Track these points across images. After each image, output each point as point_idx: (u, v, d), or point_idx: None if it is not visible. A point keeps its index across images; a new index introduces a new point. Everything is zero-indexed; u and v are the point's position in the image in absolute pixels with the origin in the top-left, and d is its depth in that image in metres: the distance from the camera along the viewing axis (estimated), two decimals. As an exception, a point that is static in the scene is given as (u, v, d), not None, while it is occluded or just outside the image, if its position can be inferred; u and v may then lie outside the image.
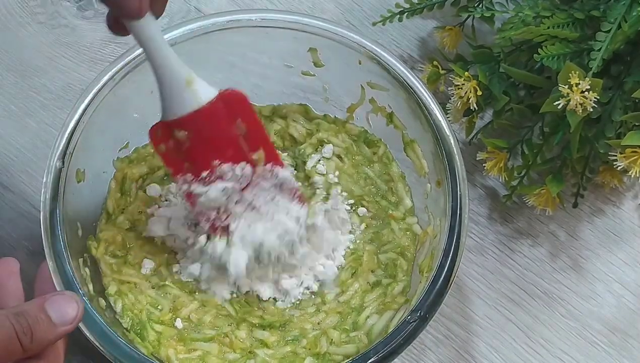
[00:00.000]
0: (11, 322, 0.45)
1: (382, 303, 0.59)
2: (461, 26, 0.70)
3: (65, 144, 0.55)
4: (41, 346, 0.47)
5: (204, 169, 0.54)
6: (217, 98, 0.52)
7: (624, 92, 0.60)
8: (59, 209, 0.54)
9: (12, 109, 0.70)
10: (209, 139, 0.53)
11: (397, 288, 0.60)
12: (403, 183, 0.63)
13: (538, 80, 0.63)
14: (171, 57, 0.49)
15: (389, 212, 0.63)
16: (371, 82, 0.61)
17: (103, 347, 0.51)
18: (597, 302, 0.66)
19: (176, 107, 0.52)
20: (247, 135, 0.54)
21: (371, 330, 0.58)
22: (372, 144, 0.64)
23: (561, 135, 0.62)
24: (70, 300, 0.49)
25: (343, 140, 0.64)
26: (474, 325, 0.66)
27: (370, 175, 0.64)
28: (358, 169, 0.64)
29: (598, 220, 0.68)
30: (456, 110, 0.65)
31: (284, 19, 0.59)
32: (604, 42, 0.58)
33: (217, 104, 0.52)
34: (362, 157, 0.65)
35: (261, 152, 0.55)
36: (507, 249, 0.68)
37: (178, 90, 0.51)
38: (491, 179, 0.69)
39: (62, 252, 0.53)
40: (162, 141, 0.54)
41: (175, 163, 0.55)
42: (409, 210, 0.63)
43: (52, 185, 0.54)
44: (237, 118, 0.53)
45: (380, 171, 0.64)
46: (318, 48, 0.60)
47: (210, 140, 0.53)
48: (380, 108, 0.62)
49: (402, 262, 0.61)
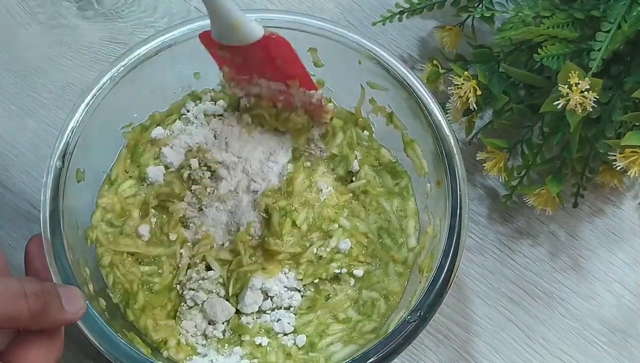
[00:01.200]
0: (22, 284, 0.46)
1: (347, 336, 0.59)
2: (461, 26, 0.70)
3: (65, 144, 0.55)
4: (48, 322, 0.47)
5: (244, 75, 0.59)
6: (261, 40, 0.54)
7: (623, 92, 0.60)
8: (59, 209, 0.54)
9: (12, 109, 0.70)
10: (249, 68, 0.57)
11: (367, 326, 0.59)
12: (415, 220, 0.62)
13: (538, 80, 0.63)
14: (222, 1, 0.51)
15: (390, 253, 0.61)
16: (371, 82, 0.61)
17: (103, 346, 0.51)
18: (597, 302, 0.66)
19: (223, 36, 0.54)
20: (283, 67, 0.57)
21: (331, 357, 0.57)
22: (397, 176, 0.63)
23: (561, 135, 0.62)
24: (77, 293, 0.50)
25: (366, 173, 0.63)
26: (473, 325, 0.66)
27: (387, 209, 0.62)
28: (376, 201, 0.63)
29: (598, 220, 0.68)
30: (456, 110, 0.65)
31: (284, 18, 0.59)
32: (603, 42, 0.57)
33: (259, 46, 0.54)
34: (383, 189, 0.63)
35: (296, 81, 0.58)
36: (507, 249, 0.68)
37: (226, 27, 0.53)
38: (491, 179, 0.69)
39: (62, 252, 0.53)
40: (210, 46, 0.57)
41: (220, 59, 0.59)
42: (412, 249, 0.61)
43: (52, 185, 0.54)
44: (278, 59, 0.56)
45: (398, 206, 0.63)
46: (318, 48, 0.60)
47: (251, 69, 0.57)
48: (380, 108, 0.62)
49: (382, 304, 0.60)
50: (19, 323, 0.46)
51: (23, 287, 0.46)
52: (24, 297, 0.45)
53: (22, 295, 0.45)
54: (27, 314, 0.46)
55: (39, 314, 0.46)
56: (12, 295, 0.45)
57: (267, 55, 0.55)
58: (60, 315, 0.48)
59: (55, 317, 0.48)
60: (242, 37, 0.53)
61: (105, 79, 0.57)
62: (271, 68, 0.57)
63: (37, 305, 0.46)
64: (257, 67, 0.57)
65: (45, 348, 0.48)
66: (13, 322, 0.46)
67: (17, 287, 0.45)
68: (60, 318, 0.48)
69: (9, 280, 0.46)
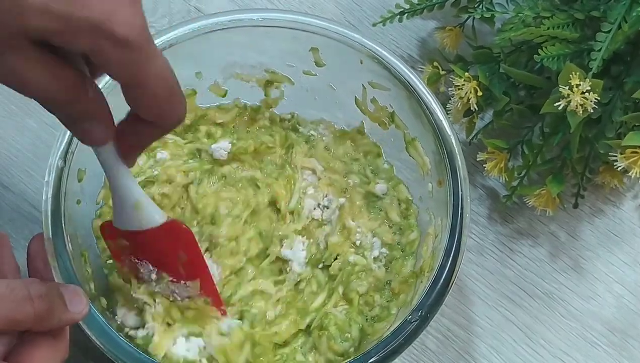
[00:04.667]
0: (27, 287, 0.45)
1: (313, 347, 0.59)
2: (461, 27, 0.70)
3: (67, 143, 0.55)
4: (52, 323, 0.47)
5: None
6: (161, 226, 0.52)
7: (624, 93, 0.60)
8: (61, 208, 0.54)
9: (12, 108, 0.70)
10: (148, 256, 0.55)
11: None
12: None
13: (538, 80, 0.63)
14: (125, 180, 0.50)
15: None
16: (372, 82, 0.61)
17: (104, 345, 0.51)
18: (598, 303, 0.66)
19: (123, 220, 0.52)
20: (186, 265, 0.55)
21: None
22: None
23: (561, 136, 0.62)
24: (80, 292, 0.50)
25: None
26: (474, 326, 0.66)
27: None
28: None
29: (598, 221, 0.69)
30: (456, 111, 0.65)
31: (286, 18, 0.59)
32: (604, 42, 0.58)
33: (159, 231, 0.52)
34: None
35: (197, 282, 0.55)
36: (507, 249, 0.68)
37: (126, 208, 0.51)
38: (491, 180, 0.69)
39: (64, 251, 0.53)
40: (109, 238, 0.55)
41: (118, 255, 0.56)
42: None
43: (53, 184, 0.54)
44: (179, 248, 0.54)
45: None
46: (319, 47, 0.60)
47: (150, 257, 0.55)
48: (382, 108, 0.62)
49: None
50: (24, 326, 0.46)
51: (28, 290, 0.45)
52: (29, 300, 0.45)
53: (27, 299, 0.45)
54: (33, 317, 0.45)
55: (44, 316, 0.46)
56: (17, 299, 0.45)
57: (168, 242, 0.53)
58: (64, 316, 0.48)
59: (60, 318, 0.48)
60: (141, 220, 0.51)
61: (107, 78, 0.57)
62: (170, 260, 0.55)
63: (42, 308, 0.46)
64: (154, 258, 0.55)
65: (50, 349, 0.48)
66: (18, 325, 0.46)
67: (22, 290, 0.45)
68: (64, 319, 0.48)
69: (15, 284, 0.45)
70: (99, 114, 0.44)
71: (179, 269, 0.55)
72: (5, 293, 0.45)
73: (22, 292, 0.45)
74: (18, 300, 0.45)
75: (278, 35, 0.59)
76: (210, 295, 0.56)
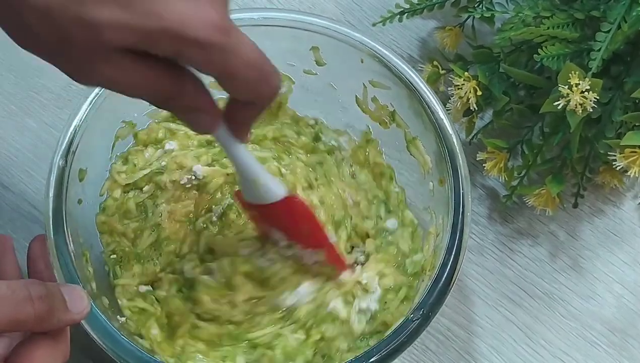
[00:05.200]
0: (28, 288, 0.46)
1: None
2: (461, 26, 0.70)
3: (68, 143, 0.55)
4: (53, 324, 0.47)
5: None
6: (282, 201, 0.54)
7: (624, 92, 0.61)
8: (62, 207, 0.54)
9: (12, 108, 0.70)
10: (276, 225, 0.57)
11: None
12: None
13: (538, 80, 0.63)
14: (243, 157, 0.51)
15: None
16: (373, 81, 0.60)
17: (106, 344, 0.51)
18: (597, 302, 0.67)
19: (247, 194, 0.54)
20: (309, 235, 0.57)
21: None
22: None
23: (561, 136, 0.62)
24: (81, 292, 0.50)
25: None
26: (474, 326, 0.66)
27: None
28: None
29: (598, 221, 0.69)
30: (456, 110, 0.65)
31: (286, 17, 0.59)
32: (603, 42, 0.58)
33: (280, 206, 0.54)
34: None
35: (322, 252, 0.57)
36: (507, 249, 0.68)
37: (248, 184, 0.53)
38: (491, 179, 0.69)
39: (65, 250, 0.53)
40: (243, 205, 0.58)
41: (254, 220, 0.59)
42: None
43: (55, 183, 0.54)
44: (300, 220, 0.56)
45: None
46: (320, 47, 0.60)
47: (278, 226, 0.57)
48: (383, 107, 0.62)
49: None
50: (24, 327, 0.46)
51: (29, 291, 0.45)
52: (30, 301, 0.45)
53: (28, 300, 0.45)
54: (33, 318, 0.45)
55: (45, 317, 0.46)
56: (18, 300, 0.45)
57: (287, 215, 0.55)
58: (65, 316, 0.48)
59: (60, 319, 0.48)
60: (262, 195, 0.53)
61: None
62: (292, 231, 0.57)
63: (42, 309, 0.46)
64: (282, 227, 0.57)
65: (50, 350, 0.48)
66: (19, 326, 0.46)
67: (23, 292, 0.45)
68: (64, 319, 0.48)
69: (16, 285, 0.45)
70: (202, 104, 0.44)
71: (304, 238, 0.57)
72: (6, 294, 0.45)
73: (23, 293, 0.45)
74: (19, 301, 0.45)
75: (278, 34, 0.59)
76: (335, 262, 0.58)
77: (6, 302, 0.44)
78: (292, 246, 0.58)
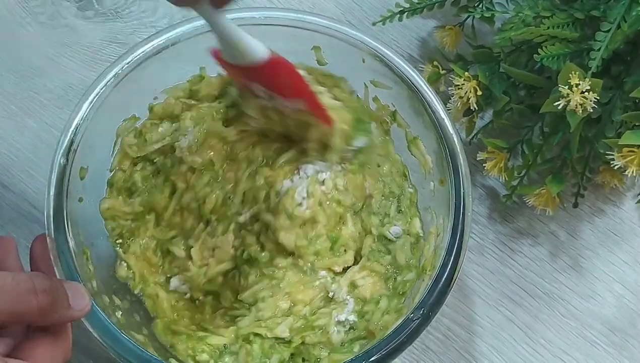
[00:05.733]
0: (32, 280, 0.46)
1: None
2: (461, 26, 0.70)
3: (69, 141, 0.55)
4: (54, 319, 0.48)
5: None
6: (264, 62, 0.53)
7: (623, 92, 0.61)
8: (63, 206, 0.54)
9: (12, 108, 0.70)
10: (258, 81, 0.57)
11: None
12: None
13: (538, 80, 0.63)
14: (224, 24, 0.51)
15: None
16: (375, 80, 0.60)
17: (106, 343, 0.51)
18: (598, 302, 0.67)
19: (229, 56, 0.54)
20: (292, 88, 0.56)
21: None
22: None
23: (561, 135, 0.62)
24: (82, 290, 0.50)
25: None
26: (474, 325, 0.66)
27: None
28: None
29: (598, 220, 0.69)
30: (456, 110, 0.65)
31: (288, 17, 0.59)
32: (603, 42, 0.58)
33: (263, 67, 0.53)
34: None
35: (303, 100, 0.56)
36: (508, 249, 0.68)
37: (230, 47, 0.53)
38: (491, 179, 0.69)
39: (66, 248, 0.53)
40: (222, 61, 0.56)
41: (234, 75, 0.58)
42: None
43: (56, 182, 0.54)
44: (283, 77, 0.55)
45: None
46: (321, 46, 0.60)
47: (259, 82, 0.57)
48: (384, 106, 0.62)
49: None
50: (27, 319, 0.46)
51: (33, 283, 0.46)
52: (34, 293, 0.46)
53: (32, 292, 0.46)
54: (36, 310, 0.46)
55: (47, 310, 0.47)
56: (22, 291, 0.45)
57: (271, 74, 0.55)
58: (67, 312, 0.48)
59: (62, 314, 0.48)
60: (246, 57, 0.53)
61: (109, 76, 0.57)
62: (279, 86, 0.56)
63: (45, 302, 0.46)
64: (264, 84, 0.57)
65: (51, 347, 0.48)
66: (22, 317, 0.46)
67: (28, 284, 0.46)
68: (66, 315, 0.48)
69: (20, 277, 0.46)
70: None
71: (286, 90, 0.56)
72: (11, 285, 0.45)
73: (27, 285, 0.46)
74: (23, 292, 0.45)
75: (280, 33, 0.59)
76: (315, 110, 0.56)
77: (10, 292, 0.45)
78: (274, 98, 0.57)
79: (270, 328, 0.57)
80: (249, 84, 0.57)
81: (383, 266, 0.60)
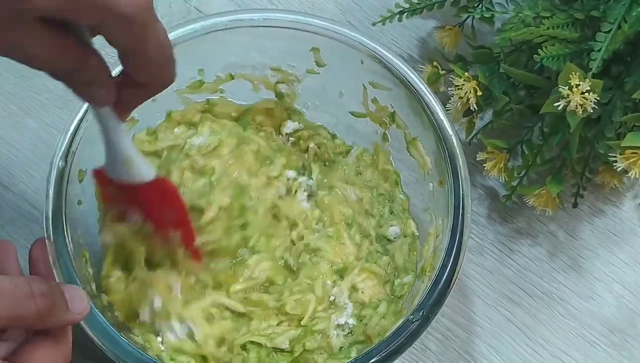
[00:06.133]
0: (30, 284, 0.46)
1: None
2: (461, 26, 0.70)
3: (68, 144, 0.55)
4: (53, 322, 0.48)
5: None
6: (150, 182, 0.53)
7: (624, 93, 0.60)
8: (62, 208, 0.54)
9: (12, 108, 0.70)
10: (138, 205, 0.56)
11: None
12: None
13: (538, 80, 0.63)
14: (119, 135, 0.51)
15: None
16: (374, 82, 0.60)
17: (105, 345, 0.51)
18: (597, 302, 0.67)
19: (115, 172, 0.53)
20: (172, 218, 0.56)
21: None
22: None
23: (561, 136, 0.62)
24: (81, 293, 0.50)
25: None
26: (473, 326, 0.66)
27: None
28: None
29: (598, 220, 0.69)
30: (456, 111, 0.65)
31: (287, 18, 0.59)
32: (603, 42, 0.58)
33: (148, 187, 0.53)
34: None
35: (178, 233, 0.57)
36: (507, 249, 0.68)
37: (118, 162, 0.52)
38: (491, 179, 0.69)
39: (65, 250, 0.53)
40: (102, 183, 0.56)
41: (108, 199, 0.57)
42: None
43: (55, 184, 0.54)
44: (166, 203, 0.55)
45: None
46: (320, 47, 0.60)
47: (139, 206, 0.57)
48: (383, 107, 0.62)
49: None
50: (25, 323, 0.46)
51: (31, 286, 0.46)
52: (32, 297, 0.46)
53: (30, 295, 0.46)
54: (35, 314, 0.46)
55: (46, 314, 0.46)
56: (21, 295, 0.45)
57: (155, 197, 0.55)
58: (65, 316, 0.48)
59: (61, 317, 0.48)
60: (131, 175, 0.52)
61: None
62: (158, 213, 0.56)
63: (44, 305, 0.46)
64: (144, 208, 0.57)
65: (51, 351, 0.48)
66: (20, 321, 0.46)
67: (26, 287, 0.46)
68: (65, 319, 0.48)
69: (18, 280, 0.46)
70: (102, 79, 0.45)
71: (164, 220, 0.56)
72: (9, 288, 0.45)
73: (25, 288, 0.46)
74: (21, 296, 0.45)
75: (279, 35, 0.59)
76: (188, 247, 0.57)
77: (8, 296, 0.45)
78: (146, 224, 0.57)
79: (271, 338, 0.57)
80: (124, 206, 0.57)
81: (382, 268, 0.61)
